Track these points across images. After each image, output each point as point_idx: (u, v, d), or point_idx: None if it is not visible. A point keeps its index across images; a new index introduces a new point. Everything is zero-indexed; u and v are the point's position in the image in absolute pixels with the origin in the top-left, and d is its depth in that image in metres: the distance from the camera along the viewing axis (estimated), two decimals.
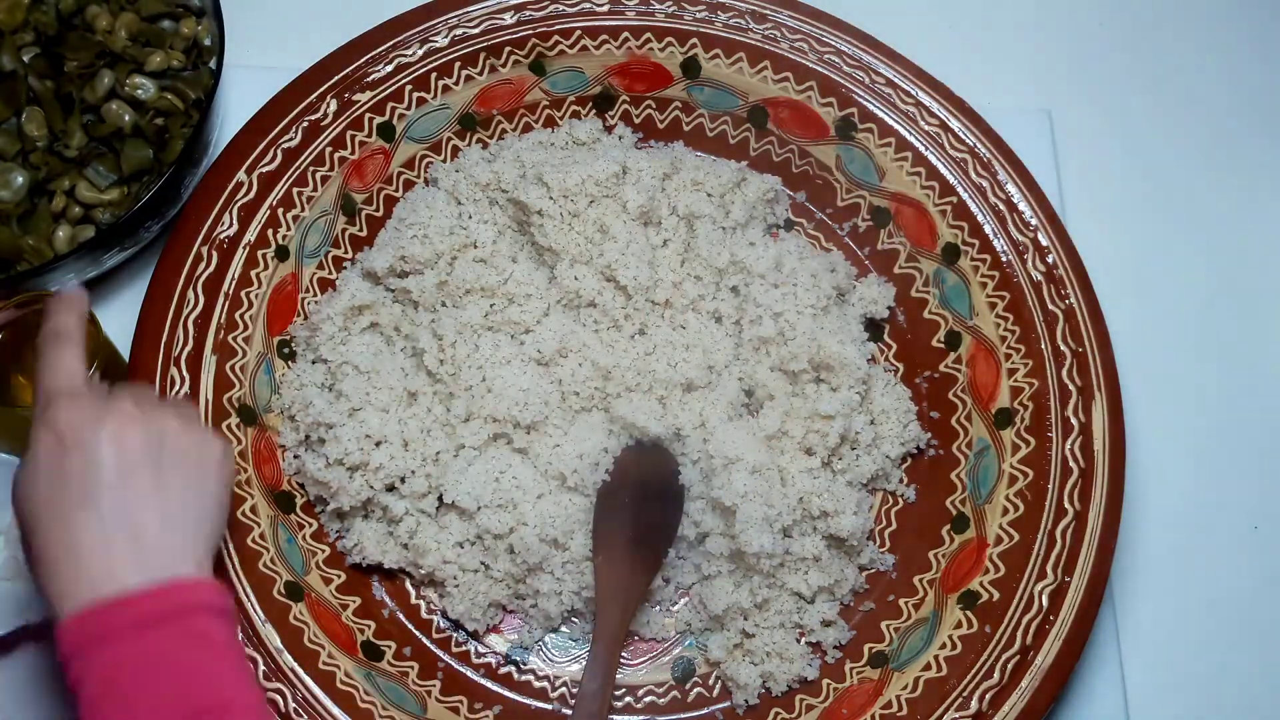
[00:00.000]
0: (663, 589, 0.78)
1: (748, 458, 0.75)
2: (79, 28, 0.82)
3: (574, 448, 0.76)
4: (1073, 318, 0.79)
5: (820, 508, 0.75)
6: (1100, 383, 0.78)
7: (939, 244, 0.84)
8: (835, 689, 0.75)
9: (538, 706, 0.75)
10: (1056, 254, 0.81)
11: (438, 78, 0.84)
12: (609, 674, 0.70)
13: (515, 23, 0.85)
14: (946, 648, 0.74)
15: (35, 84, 0.79)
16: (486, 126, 0.87)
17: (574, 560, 0.75)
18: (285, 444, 0.77)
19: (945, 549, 0.78)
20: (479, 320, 0.78)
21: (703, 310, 0.82)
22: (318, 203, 0.81)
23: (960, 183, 0.83)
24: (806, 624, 0.77)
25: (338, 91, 0.81)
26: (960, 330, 0.83)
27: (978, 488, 0.79)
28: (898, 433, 0.81)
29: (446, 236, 0.80)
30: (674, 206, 0.83)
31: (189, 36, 0.83)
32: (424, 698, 0.74)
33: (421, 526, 0.76)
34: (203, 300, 0.75)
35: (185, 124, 0.81)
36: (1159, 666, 0.81)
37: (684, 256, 0.83)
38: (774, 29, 0.86)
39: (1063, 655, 0.72)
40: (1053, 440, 0.77)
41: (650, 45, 0.86)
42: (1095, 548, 0.74)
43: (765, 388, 0.80)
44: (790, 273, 0.81)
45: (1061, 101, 0.97)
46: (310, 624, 0.72)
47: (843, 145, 0.86)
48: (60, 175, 0.78)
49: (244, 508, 0.73)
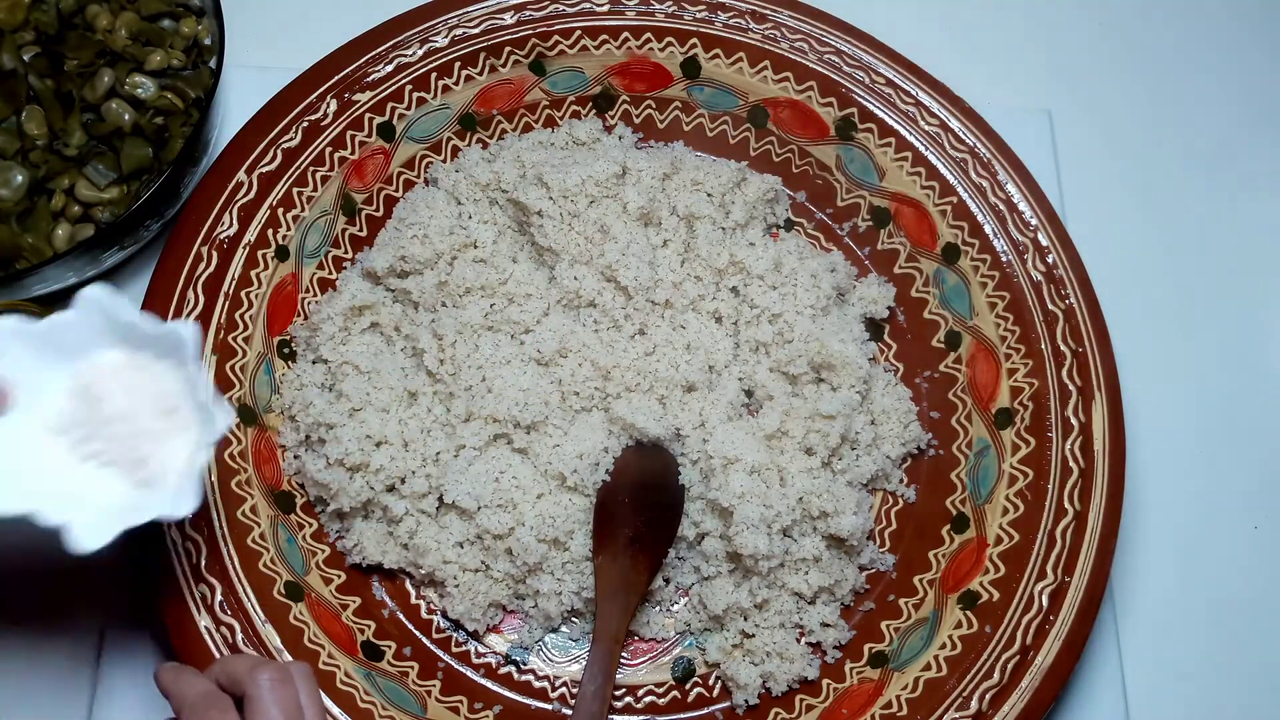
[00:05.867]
0: (663, 589, 0.78)
1: (747, 458, 0.75)
2: (79, 27, 0.82)
3: (574, 448, 0.76)
4: (1073, 318, 0.79)
5: (820, 508, 0.75)
6: (1100, 383, 0.78)
7: (939, 244, 0.84)
8: (835, 689, 0.75)
9: (538, 706, 0.75)
10: (1056, 254, 0.81)
11: (438, 78, 0.84)
12: (609, 674, 0.70)
13: (515, 23, 0.85)
14: (946, 648, 0.74)
15: (35, 83, 0.79)
16: (486, 126, 0.87)
17: (574, 560, 0.75)
18: (285, 444, 0.77)
19: (945, 549, 0.78)
20: (479, 320, 0.78)
21: (703, 310, 0.82)
22: (318, 203, 0.81)
23: (960, 183, 0.83)
24: (806, 624, 0.77)
25: (338, 91, 0.81)
26: (960, 330, 0.83)
27: (978, 488, 0.79)
28: (898, 433, 0.81)
29: (446, 236, 0.80)
30: (674, 206, 0.83)
31: (189, 36, 0.83)
32: (424, 698, 0.73)
33: (421, 526, 0.76)
34: (203, 300, 0.75)
35: (185, 123, 0.81)
36: (1159, 666, 0.81)
37: (684, 257, 0.83)
38: (774, 29, 0.86)
39: (1063, 655, 0.72)
40: (1053, 440, 0.77)
41: (650, 45, 0.86)
42: (1095, 548, 0.74)
43: (765, 388, 0.80)
44: (790, 273, 0.81)
45: (1061, 101, 0.97)
46: (310, 624, 0.72)
47: (843, 145, 0.86)
48: (60, 174, 0.78)
49: (244, 508, 0.73)
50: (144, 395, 0.60)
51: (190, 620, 0.69)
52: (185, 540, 0.70)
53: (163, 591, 0.69)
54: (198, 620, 0.69)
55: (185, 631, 0.69)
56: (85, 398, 0.60)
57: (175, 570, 0.69)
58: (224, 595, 0.70)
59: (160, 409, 0.61)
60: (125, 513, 0.58)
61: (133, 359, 0.61)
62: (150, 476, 0.60)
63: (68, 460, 0.60)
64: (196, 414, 0.60)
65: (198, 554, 0.70)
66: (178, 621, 0.69)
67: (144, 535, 0.69)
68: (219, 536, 0.71)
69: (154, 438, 0.60)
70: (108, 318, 0.60)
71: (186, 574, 0.70)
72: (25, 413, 0.60)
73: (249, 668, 0.57)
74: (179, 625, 0.69)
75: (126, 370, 0.61)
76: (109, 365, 0.61)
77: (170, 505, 0.59)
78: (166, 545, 0.70)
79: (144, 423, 0.60)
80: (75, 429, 0.60)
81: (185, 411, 0.60)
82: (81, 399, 0.60)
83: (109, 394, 0.60)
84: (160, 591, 0.69)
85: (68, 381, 0.61)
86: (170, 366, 0.60)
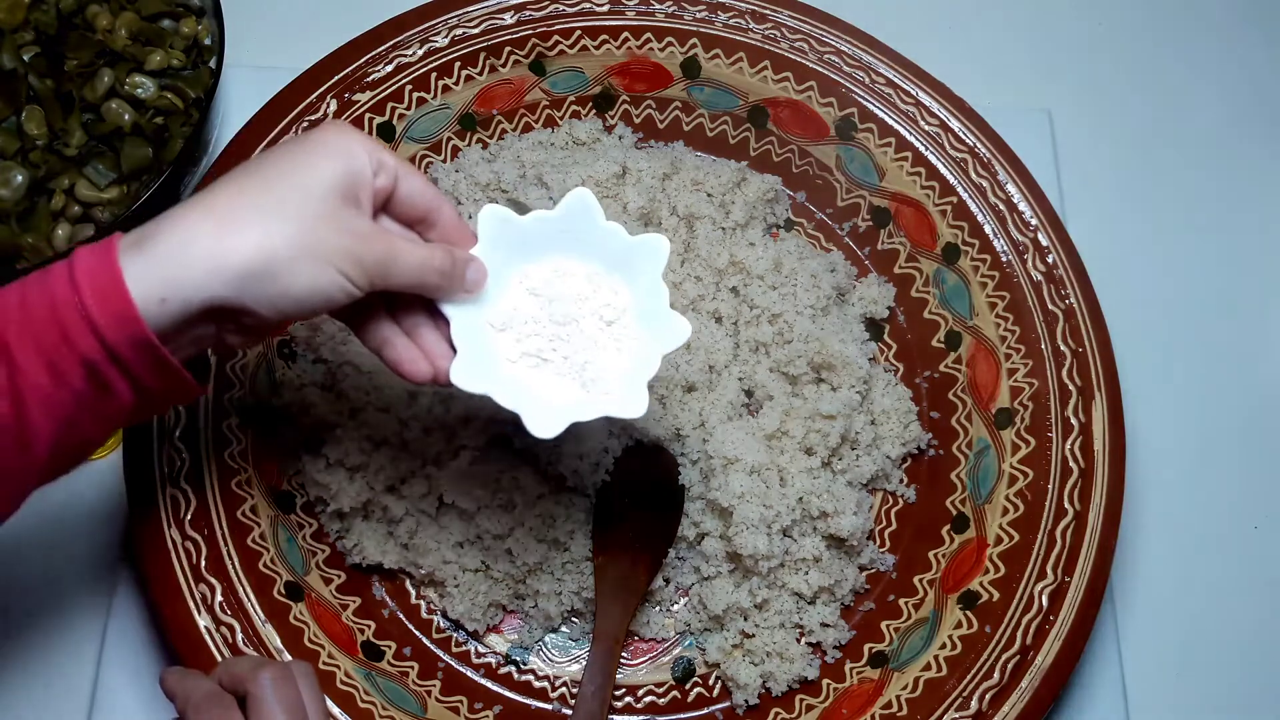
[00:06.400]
0: (663, 589, 0.78)
1: (746, 458, 0.75)
2: (79, 27, 0.82)
3: (574, 448, 0.76)
4: (1073, 318, 0.79)
5: (820, 508, 0.75)
6: (1100, 383, 0.78)
7: (939, 244, 0.84)
8: (835, 689, 0.75)
9: (538, 706, 0.75)
10: (1056, 254, 0.81)
11: (438, 78, 0.84)
12: (609, 674, 0.70)
13: (515, 23, 0.85)
14: (946, 648, 0.74)
15: (35, 83, 0.79)
16: (486, 126, 0.87)
17: (574, 560, 0.75)
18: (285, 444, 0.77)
19: (945, 549, 0.78)
20: None
21: (703, 310, 0.82)
22: None
23: (960, 183, 0.83)
24: (806, 624, 0.77)
25: (338, 91, 0.81)
26: (960, 330, 0.83)
27: (978, 488, 0.79)
28: (898, 433, 0.81)
29: None
30: (674, 206, 0.83)
31: (189, 36, 0.83)
32: (424, 698, 0.73)
33: (421, 527, 0.76)
34: None
35: (185, 123, 0.81)
36: (1159, 666, 0.81)
37: (684, 257, 0.83)
38: (774, 29, 0.86)
39: (1063, 655, 0.72)
40: (1053, 440, 0.77)
41: (650, 45, 0.86)
42: (1095, 548, 0.74)
43: (765, 388, 0.80)
44: (790, 273, 0.81)
45: (1061, 101, 0.97)
46: (310, 624, 0.72)
47: (843, 145, 0.86)
48: (60, 174, 0.78)
49: (244, 508, 0.73)
50: (590, 304, 0.62)
51: (190, 620, 0.69)
52: (185, 540, 0.70)
53: (163, 591, 0.69)
54: (198, 620, 0.69)
55: (185, 632, 0.69)
56: (539, 297, 0.62)
57: (175, 570, 0.69)
58: (224, 595, 0.70)
59: (603, 319, 0.63)
60: (574, 407, 0.60)
61: (586, 267, 0.63)
62: (590, 380, 0.62)
63: (510, 354, 0.62)
64: (643, 326, 0.62)
65: (198, 554, 0.70)
66: (178, 621, 0.69)
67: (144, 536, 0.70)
68: (219, 536, 0.71)
69: (593, 345, 0.62)
70: (585, 222, 0.62)
71: (186, 574, 0.70)
72: (482, 303, 0.61)
73: (251, 667, 0.57)
74: (179, 625, 0.69)
75: (578, 277, 0.63)
76: (564, 269, 0.63)
77: (619, 406, 0.60)
78: (166, 545, 0.70)
79: (586, 330, 0.62)
80: (519, 326, 0.62)
81: (625, 325, 0.63)
82: (534, 297, 0.62)
83: (559, 297, 0.62)
84: (160, 591, 0.69)
85: (523, 280, 0.62)
86: (620, 280, 0.63)
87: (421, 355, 0.59)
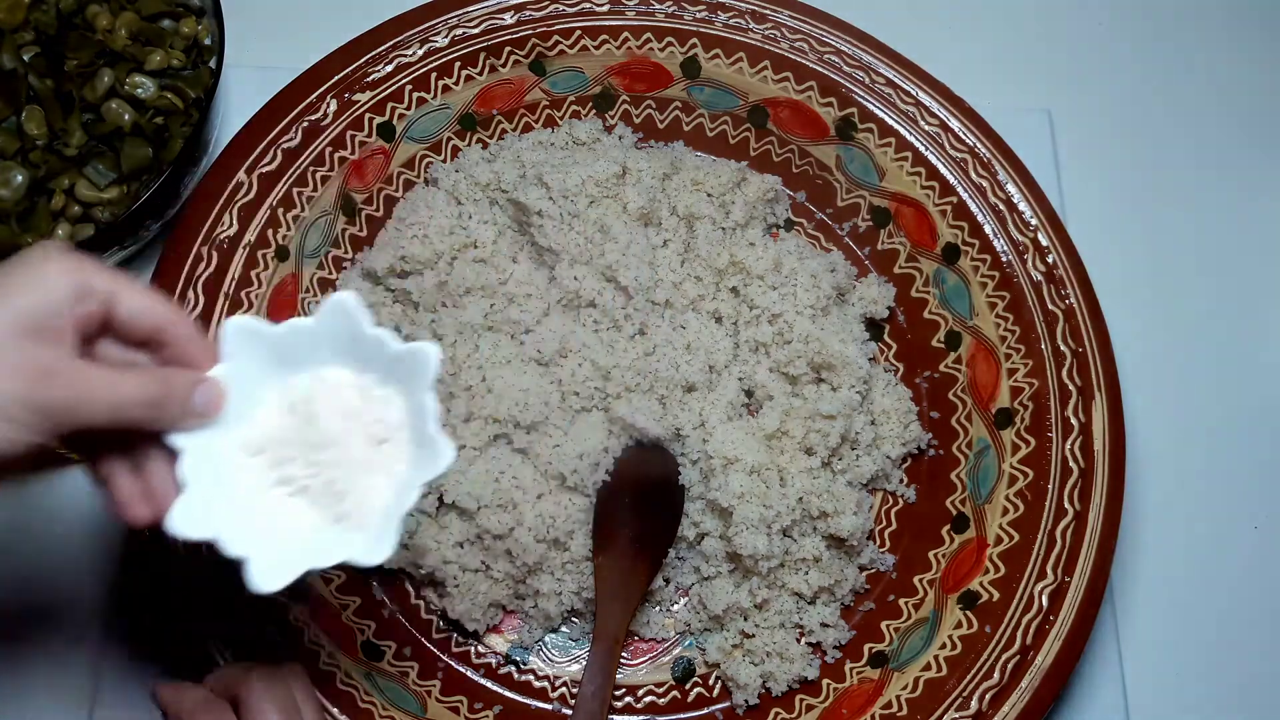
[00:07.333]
0: (663, 589, 0.78)
1: (746, 458, 0.75)
2: (79, 27, 0.82)
3: (574, 448, 0.76)
4: (1073, 318, 0.79)
5: (820, 508, 0.75)
6: (1100, 383, 0.78)
7: (939, 244, 0.84)
8: (835, 689, 0.75)
9: (538, 706, 0.75)
10: (1056, 254, 0.81)
11: (438, 78, 0.84)
12: (609, 674, 0.70)
13: (515, 23, 0.85)
14: (946, 648, 0.74)
15: (35, 83, 0.79)
16: (486, 126, 0.87)
17: (574, 560, 0.75)
18: None
19: (945, 549, 0.78)
20: (479, 320, 0.78)
21: (703, 310, 0.82)
22: (318, 203, 0.81)
23: (960, 183, 0.83)
24: (806, 624, 0.77)
25: (338, 91, 0.81)
26: (960, 330, 0.83)
27: (978, 488, 0.79)
28: (898, 433, 0.81)
29: (446, 236, 0.80)
30: (674, 206, 0.83)
31: (189, 36, 0.83)
32: (424, 698, 0.73)
33: (421, 526, 0.76)
34: (203, 300, 0.75)
35: (185, 123, 0.81)
36: (1159, 666, 0.81)
37: (684, 257, 0.83)
38: (774, 29, 0.86)
39: (1063, 655, 0.72)
40: (1053, 440, 0.77)
41: (650, 45, 0.86)
42: (1095, 548, 0.74)
43: (765, 388, 0.80)
44: (790, 273, 0.81)
45: (1061, 101, 0.97)
46: (310, 624, 0.72)
47: (843, 145, 0.86)
48: (60, 174, 0.78)
49: None
50: (359, 421, 0.55)
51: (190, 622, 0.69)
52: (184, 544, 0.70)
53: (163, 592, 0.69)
54: None
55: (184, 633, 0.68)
56: (297, 415, 0.55)
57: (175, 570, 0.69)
58: None
59: (373, 438, 0.55)
60: (311, 552, 0.53)
61: (357, 379, 0.56)
62: (345, 512, 0.55)
63: (259, 483, 0.55)
64: (414, 447, 0.54)
65: None
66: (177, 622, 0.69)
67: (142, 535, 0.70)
68: None
69: (358, 470, 0.55)
70: (350, 329, 0.54)
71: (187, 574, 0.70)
72: (229, 426, 0.54)
73: (242, 670, 0.57)
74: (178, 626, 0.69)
75: (347, 390, 0.55)
76: (330, 383, 0.56)
77: (362, 550, 0.53)
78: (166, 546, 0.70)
79: (352, 451, 0.55)
80: (275, 449, 0.55)
81: (397, 444, 0.55)
82: (292, 416, 0.55)
83: (323, 414, 0.55)
84: (160, 592, 0.69)
85: (282, 395, 0.55)
86: (394, 393, 0.55)
87: (142, 495, 0.52)
